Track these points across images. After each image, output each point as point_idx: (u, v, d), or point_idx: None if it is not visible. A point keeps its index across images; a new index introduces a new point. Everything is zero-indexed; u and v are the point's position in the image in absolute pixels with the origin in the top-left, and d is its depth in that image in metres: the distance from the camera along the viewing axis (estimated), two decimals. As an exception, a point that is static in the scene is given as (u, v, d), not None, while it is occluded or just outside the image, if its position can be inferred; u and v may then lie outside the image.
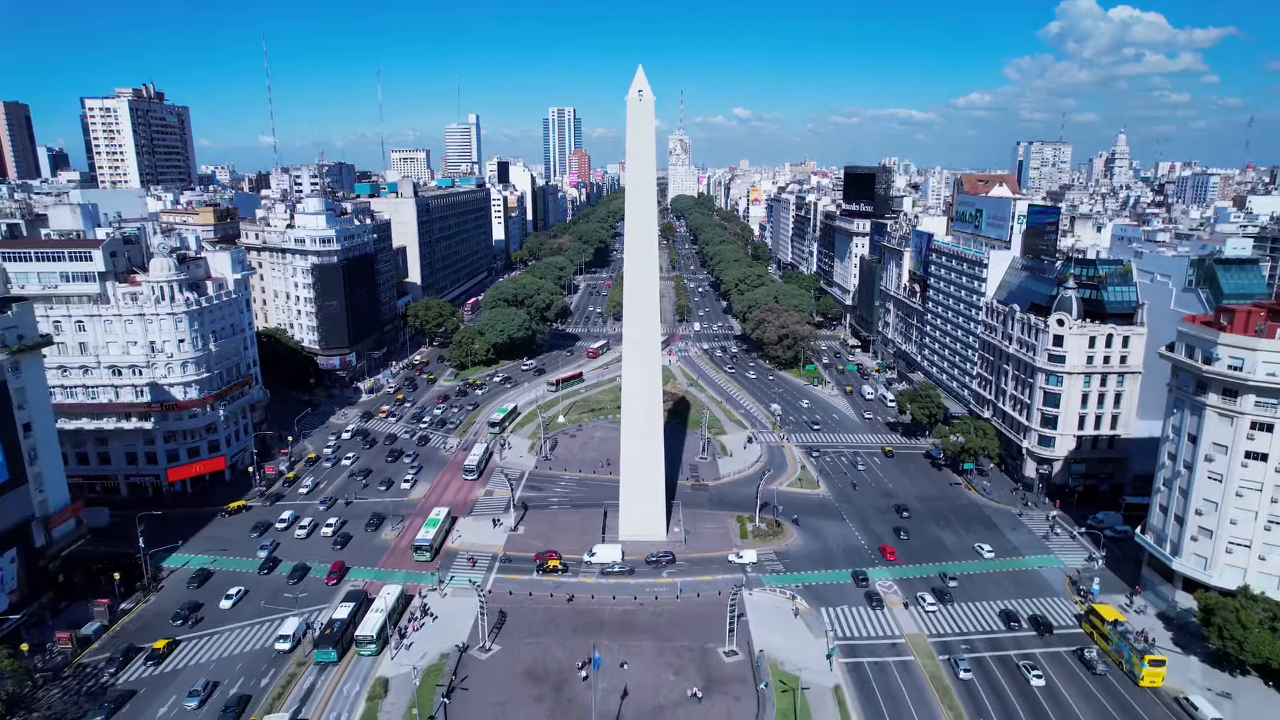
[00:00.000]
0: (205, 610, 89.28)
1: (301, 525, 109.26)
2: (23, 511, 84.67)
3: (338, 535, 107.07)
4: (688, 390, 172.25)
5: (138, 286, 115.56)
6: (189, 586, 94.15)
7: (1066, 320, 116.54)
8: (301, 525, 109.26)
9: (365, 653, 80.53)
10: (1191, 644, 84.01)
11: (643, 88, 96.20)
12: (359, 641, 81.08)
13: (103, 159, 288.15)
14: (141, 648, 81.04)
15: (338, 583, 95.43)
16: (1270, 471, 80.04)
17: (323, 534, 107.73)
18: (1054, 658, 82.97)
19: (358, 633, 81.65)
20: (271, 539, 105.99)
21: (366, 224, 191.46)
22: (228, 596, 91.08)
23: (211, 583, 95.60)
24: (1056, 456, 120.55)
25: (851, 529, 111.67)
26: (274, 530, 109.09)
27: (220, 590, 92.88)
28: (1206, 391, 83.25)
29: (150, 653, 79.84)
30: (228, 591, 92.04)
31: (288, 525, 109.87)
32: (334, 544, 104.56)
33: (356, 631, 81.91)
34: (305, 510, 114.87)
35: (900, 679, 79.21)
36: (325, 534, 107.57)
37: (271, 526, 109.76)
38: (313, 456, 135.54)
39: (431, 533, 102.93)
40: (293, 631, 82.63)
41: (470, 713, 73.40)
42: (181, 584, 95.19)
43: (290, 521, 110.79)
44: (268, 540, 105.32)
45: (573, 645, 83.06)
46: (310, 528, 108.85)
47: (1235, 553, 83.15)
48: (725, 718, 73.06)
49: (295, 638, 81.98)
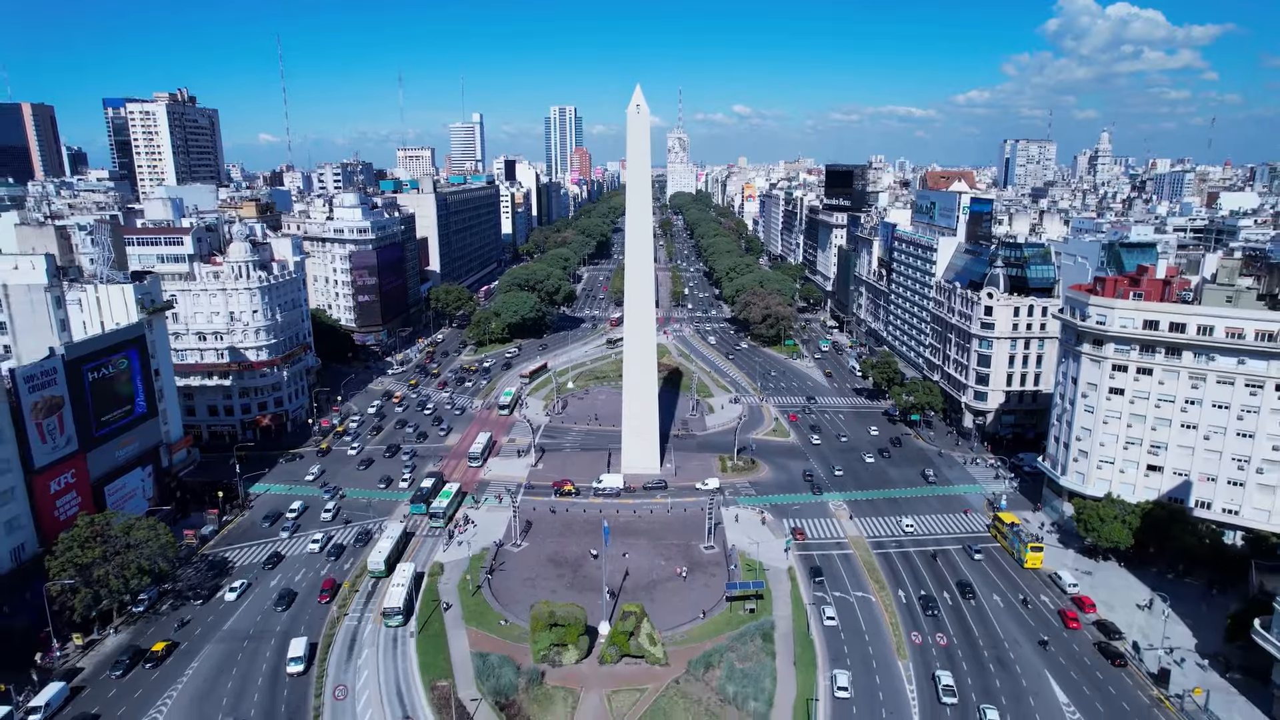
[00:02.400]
0: (289, 520, 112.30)
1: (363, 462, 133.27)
2: (154, 438, 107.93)
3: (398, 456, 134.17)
4: (680, 362, 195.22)
5: (219, 266, 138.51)
6: (265, 522, 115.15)
7: (995, 294, 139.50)
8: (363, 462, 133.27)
9: (436, 525, 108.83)
10: (1071, 541, 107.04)
11: (640, 103, 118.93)
12: (433, 515, 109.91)
13: (142, 158, 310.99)
14: (144, 650, 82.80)
15: None
16: (1126, 403, 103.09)
17: (382, 468, 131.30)
18: (961, 552, 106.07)
19: (432, 506, 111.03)
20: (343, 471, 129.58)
21: (395, 217, 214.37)
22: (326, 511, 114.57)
23: (288, 504, 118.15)
24: (989, 409, 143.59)
25: (814, 465, 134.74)
26: (344, 463, 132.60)
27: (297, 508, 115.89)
28: (1082, 342, 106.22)
29: (149, 654, 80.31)
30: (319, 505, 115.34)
31: (356, 462, 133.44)
32: (404, 467, 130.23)
33: (432, 504, 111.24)
34: (366, 451, 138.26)
35: (839, 563, 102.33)
36: (383, 468, 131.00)
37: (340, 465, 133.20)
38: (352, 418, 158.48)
39: (480, 447, 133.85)
40: (302, 653, 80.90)
41: (507, 584, 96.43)
42: (266, 505, 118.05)
43: (359, 454, 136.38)
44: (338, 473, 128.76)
45: (585, 543, 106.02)
46: (368, 464, 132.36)
47: (1103, 469, 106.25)
48: (704, 587, 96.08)
49: (304, 659, 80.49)
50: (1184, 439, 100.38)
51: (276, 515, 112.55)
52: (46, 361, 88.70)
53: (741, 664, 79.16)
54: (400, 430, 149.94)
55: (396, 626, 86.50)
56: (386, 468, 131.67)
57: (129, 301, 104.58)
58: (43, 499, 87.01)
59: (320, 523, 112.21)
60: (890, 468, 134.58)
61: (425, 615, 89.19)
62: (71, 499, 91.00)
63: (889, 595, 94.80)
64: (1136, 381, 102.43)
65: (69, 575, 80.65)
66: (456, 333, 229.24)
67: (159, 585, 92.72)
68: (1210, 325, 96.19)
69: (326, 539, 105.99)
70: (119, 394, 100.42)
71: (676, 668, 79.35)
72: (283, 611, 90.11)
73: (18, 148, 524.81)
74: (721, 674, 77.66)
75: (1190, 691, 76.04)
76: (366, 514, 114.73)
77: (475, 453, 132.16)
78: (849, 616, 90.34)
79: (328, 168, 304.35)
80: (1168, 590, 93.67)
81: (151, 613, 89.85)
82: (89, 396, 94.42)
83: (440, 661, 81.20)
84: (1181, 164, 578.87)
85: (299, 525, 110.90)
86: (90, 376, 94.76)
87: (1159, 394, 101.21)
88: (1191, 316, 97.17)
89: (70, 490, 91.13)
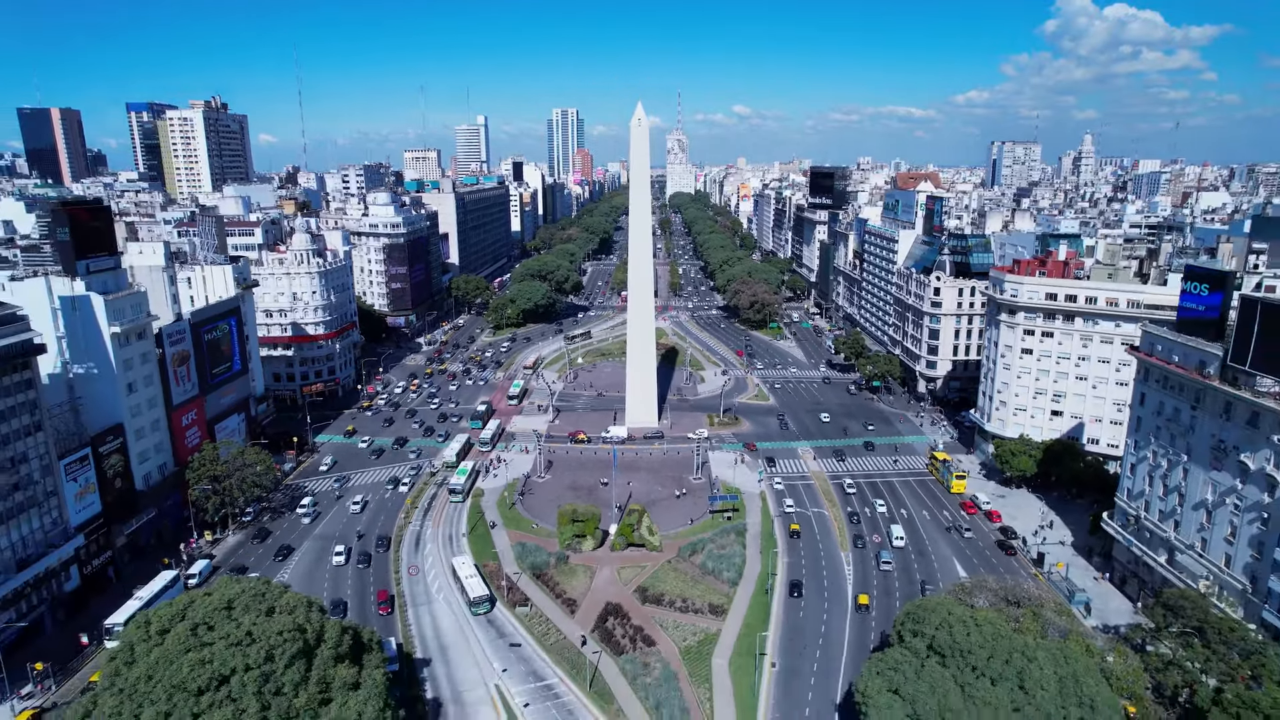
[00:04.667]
0: (350, 461, 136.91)
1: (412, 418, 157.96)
2: (246, 391, 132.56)
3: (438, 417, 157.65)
4: (676, 342, 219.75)
5: (283, 254, 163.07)
6: (329, 470, 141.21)
7: (943, 277, 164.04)
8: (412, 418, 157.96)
9: (482, 447, 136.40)
10: (993, 475, 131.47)
11: (641, 117, 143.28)
12: (482, 441, 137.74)
13: (180, 161, 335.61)
14: None
15: None
16: (1034, 361, 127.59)
17: (417, 421, 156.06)
18: (904, 483, 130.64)
19: (481, 436, 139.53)
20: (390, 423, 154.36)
21: (421, 213, 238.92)
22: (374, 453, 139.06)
23: (347, 450, 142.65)
24: (939, 376, 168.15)
25: (788, 421, 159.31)
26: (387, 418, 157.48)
27: (355, 455, 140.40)
28: (1000, 312, 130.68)
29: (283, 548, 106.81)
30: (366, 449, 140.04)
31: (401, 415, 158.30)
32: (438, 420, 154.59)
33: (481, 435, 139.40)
34: (406, 410, 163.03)
35: (802, 490, 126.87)
36: (420, 422, 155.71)
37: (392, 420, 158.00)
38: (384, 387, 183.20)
39: (518, 390, 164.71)
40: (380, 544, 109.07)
41: (536, 503, 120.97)
42: (330, 450, 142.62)
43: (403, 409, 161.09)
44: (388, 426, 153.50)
45: (597, 475, 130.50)
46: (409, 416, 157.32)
47: (1018, 415, 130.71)
48: (692, 504, 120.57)
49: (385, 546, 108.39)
50: (1077, 389, 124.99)
51: (344, 454, 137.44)
52: (179, 323, 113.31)
53: (719, 550, 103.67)
54: (442, 392, 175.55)
55: (458, 503, 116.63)
56: (429, 422, 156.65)
57: (228, 279, 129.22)
58: (177, 430, 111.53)
59: (378, 462, 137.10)
60: (851, 423, 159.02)
61: (472, 522, 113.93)
62: (195, 432, 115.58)
63: (839, 510, 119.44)
64: (1041, 343, 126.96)
65: (205, 483, 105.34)
66: (474, 318, 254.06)
67: (259, 503, 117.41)
68: (1094, 296, 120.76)
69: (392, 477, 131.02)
70: (222, 353, 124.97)
71: (669, 553, 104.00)
72: (360, 513, 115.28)
73: (47, 150, 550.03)
74: (703, 557, 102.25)
75: (1055, 566, 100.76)
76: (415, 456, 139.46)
77: (512, 393, 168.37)
78: (806, 523, 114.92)
79: (351, 169, 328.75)
80: (1060, 508, 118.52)
81: (255, 522, 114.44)
82: (205, 352, 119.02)
83: (488, 550, 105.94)
84: (1175, 164, 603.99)
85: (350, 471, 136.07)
86: (205, 337, 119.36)
87: (1059, 353, 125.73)
88: (1080, 289, 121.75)
89: (194, 425, 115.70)
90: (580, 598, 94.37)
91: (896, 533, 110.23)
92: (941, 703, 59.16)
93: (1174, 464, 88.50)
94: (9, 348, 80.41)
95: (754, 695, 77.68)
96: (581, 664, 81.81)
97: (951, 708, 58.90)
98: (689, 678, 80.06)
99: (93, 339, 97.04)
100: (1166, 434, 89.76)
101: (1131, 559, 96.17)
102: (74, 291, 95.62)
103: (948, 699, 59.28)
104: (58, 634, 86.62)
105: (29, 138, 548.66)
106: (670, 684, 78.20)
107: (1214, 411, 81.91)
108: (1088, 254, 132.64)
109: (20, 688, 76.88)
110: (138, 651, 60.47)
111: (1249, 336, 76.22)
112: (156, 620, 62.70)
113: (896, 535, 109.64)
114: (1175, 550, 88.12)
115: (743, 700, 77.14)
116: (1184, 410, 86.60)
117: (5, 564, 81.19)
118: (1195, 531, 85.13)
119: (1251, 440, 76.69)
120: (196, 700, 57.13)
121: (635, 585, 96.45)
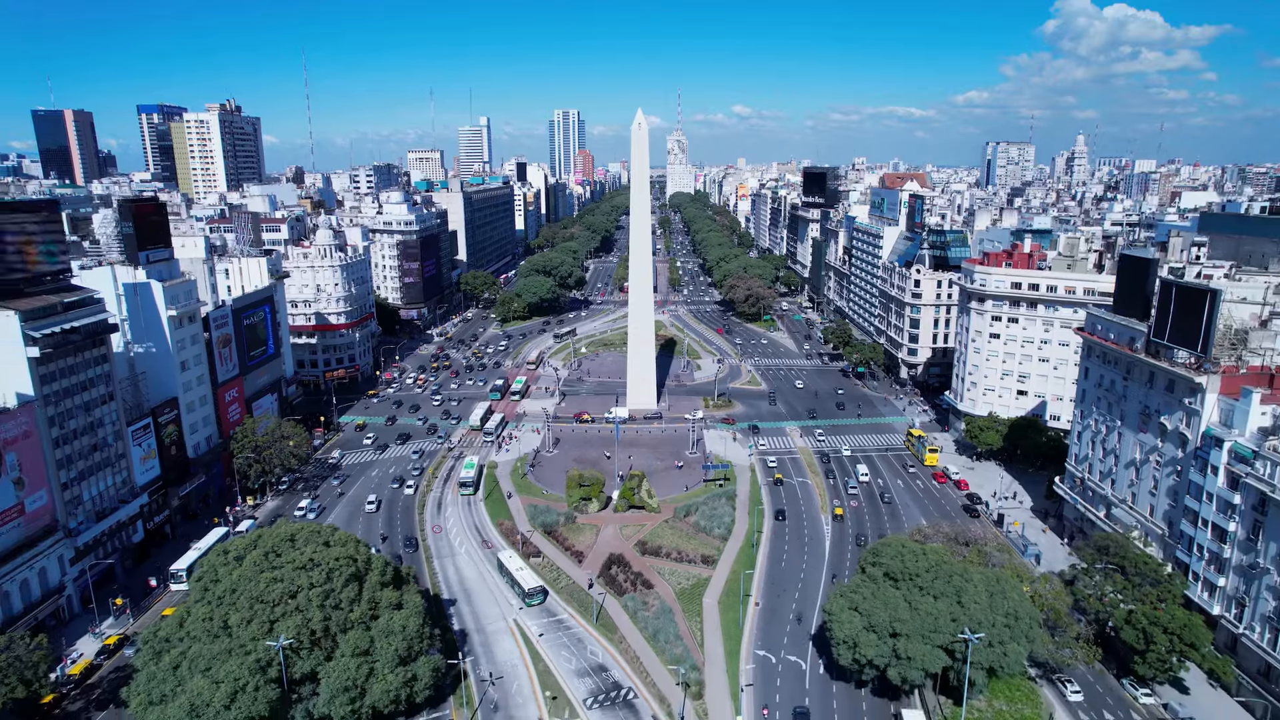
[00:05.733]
0: (374, 437, 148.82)
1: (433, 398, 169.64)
2: (278, 373, 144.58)
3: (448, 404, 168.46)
4: (674, 334, 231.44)
5: (308, 248, 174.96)
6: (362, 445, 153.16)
7: (922, 270, 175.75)
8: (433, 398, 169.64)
9: (489, 430, 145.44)
10: (965, 450, 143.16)
11: (641, 123, 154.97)
12: (482, 429, 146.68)
13: (196, 162, 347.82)
14: None
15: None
16: (1001, 345, 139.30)
17: (435, 403, 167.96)
18: (882, 457, 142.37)
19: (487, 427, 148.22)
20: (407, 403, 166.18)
21: (432, 211, 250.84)
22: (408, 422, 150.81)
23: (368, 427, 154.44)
24: (919, 362, 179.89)
25: (778, 405, 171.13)
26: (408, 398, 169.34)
27: (376, 430, 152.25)
28: (971, 300, 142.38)
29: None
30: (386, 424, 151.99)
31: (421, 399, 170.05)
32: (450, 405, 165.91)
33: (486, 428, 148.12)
34: (422, 397, 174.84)
35: (789, 463, 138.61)
36: (438, 404, 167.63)
37: (401, 403, 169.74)
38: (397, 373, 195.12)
39: (522, 386, 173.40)
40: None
41: (545, 473, 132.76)
42: (351, 428, 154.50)
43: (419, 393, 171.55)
44: (404, 407, 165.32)
45: (601, 450, 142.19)
46: (425, 403, 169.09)
47: (987, 395, 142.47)
48: (688, 474, 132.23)
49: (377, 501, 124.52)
50: (1040, 370, 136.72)
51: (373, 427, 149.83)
52: (222, 309, 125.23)
53: (711, 511, 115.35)
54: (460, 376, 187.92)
55: (469, 495, 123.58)
56: (446, 405, 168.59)
57: (262, 270, 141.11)
58: (221, 405, 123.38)
59: (401, 437, 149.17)
60: (836, 406, 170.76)
61: (488, 489, 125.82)
62: (236, 408, 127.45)
63: (821, 480, 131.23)
64: (1008, 328, 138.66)
65: (249, 453, 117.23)
66: (481, 312, 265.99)
67: (293, 473, 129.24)
68: (1054, 284, 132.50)
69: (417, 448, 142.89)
70: (258, 337, 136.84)
71: (666, 514, 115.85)
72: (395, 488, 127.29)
73: (58, 150, 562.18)
74: (696, 516, 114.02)
75: (1012, 525, 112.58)
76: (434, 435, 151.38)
77: (531, 359, 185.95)
78: (790, 491, 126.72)
79: (361, 170, 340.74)
80: (1023, 478, 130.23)
81: (289, 491, 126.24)
82: (244, 336, 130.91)
83: (502, 511, 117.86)
84: (1171, 164, 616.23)
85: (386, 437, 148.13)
86: (244, 322, 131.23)
87: (1024, 337, 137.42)
88: (1041, 278, 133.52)
89: (235, 402, 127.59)
90: (586, 550, 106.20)
91: (861, 470, 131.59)
92: (891, 615, 70.96)
93: (1110, 429, 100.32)
94: (89, 326, 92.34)
95: (739, 626, 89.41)
96: (588, 603, 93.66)
97: (900, 618, 70.68)
98: (682, 613, 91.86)
99: (152, 321, 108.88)
100: (1105, 403, 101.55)
101: (1078, 516, 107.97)
102: (136, 279, 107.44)
103: (897, 611, 71.08)
104: (127, 579, 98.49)
105: (42, 139, 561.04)
106: (666, 618, 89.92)
107: (1141, 381, 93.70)
108: (1053, 247, 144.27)
109: (103, 620, 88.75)
110: (220, 572, 72.50)
111: (1166, 314, 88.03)
112: (233, 549, 74.79)
113: (861, 473, 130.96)
114: (1112, 505, 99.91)
115: (729, 630, 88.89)
116: (1118, 381, 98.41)
117: (88, 514, 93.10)
118: (1127, 487, 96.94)
119: (1169, 404, 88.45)
120: (272, 609, 69.13)
121: (635, 540, 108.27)
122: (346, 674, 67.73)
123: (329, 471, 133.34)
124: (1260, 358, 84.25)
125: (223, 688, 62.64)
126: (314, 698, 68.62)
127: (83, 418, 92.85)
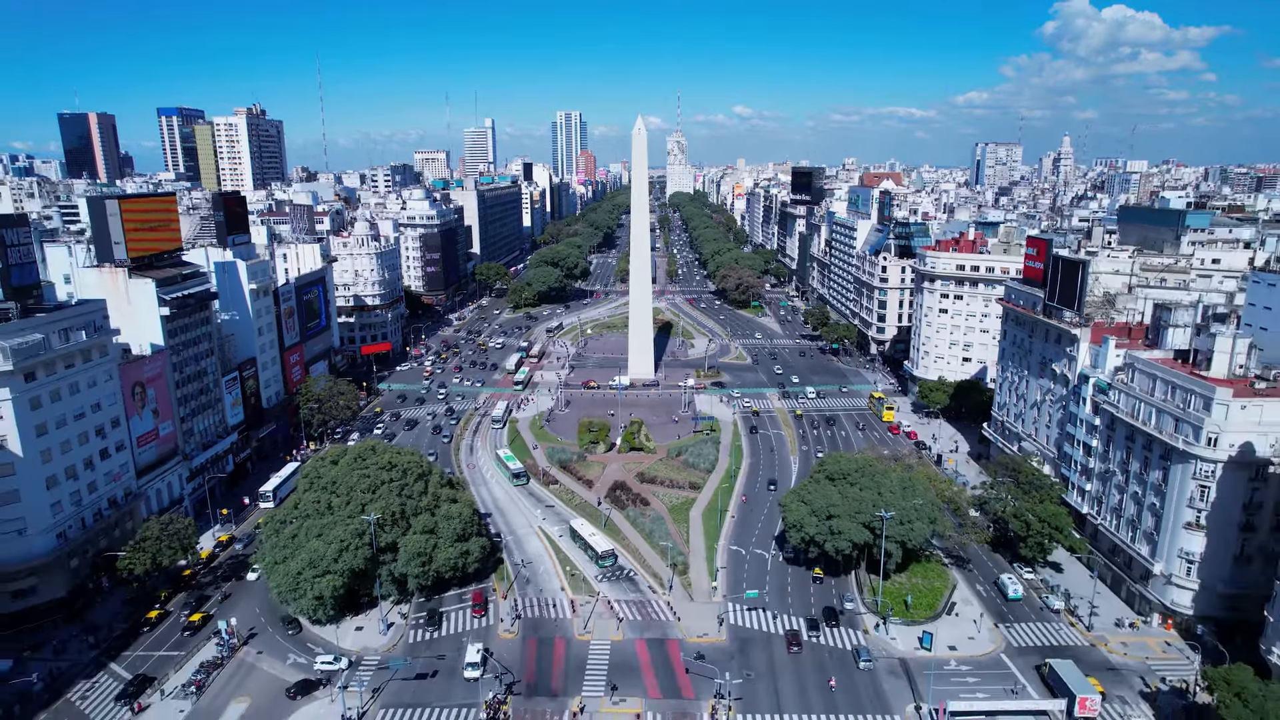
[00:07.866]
0: (407, 402, 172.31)
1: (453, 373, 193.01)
2: (328, 344, 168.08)
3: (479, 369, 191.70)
4: (671, 318, 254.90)
5: (347, 238, 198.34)
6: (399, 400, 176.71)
7: (889, 258, 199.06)
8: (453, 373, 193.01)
9: (519, 377, 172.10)
10: (919, 409, 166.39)
11: (640, 128, 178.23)
12: (514, 375, 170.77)
13: (225, 162, 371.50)
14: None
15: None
16: (949, 319, 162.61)
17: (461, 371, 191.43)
18: (848, 415, 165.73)
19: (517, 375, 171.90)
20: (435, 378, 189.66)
21: (450, 208, 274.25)
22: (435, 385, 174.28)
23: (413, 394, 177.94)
24: (886, 339, 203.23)
25: (760, 375, 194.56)
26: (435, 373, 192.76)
27: (409, 397, 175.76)
28: (924, 280, 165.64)
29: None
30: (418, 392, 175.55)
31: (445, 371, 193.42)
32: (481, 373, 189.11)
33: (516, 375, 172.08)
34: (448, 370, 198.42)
35: (766, 419, 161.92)
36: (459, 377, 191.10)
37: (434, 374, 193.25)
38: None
39: (523, 373, 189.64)
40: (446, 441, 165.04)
41: (559, 425, 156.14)
42: (389, 394, 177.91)
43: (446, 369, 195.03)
44: (432, 379, 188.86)
45: (606, 409, 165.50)
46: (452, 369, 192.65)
47: (937, 362, 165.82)
48: (681, 427, 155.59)
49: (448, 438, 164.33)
50: (981, 340, 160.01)
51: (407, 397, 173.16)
52: (287, 285, 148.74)
53: (698, 451, 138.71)
54: (470, 357, 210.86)
55: (499, 428, 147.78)
56: (472, 375, 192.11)
57: (315, 255, 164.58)
58: (286, 366, 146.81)
59: (436, 400, 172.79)
60: (813, 375, 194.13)
61: (511, 437, 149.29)
62: (298, 369, 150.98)
63: (793, 431, 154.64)
64: (954, 304, 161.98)
65: (312, 403, 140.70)
66: (495, 300, 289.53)
67: (345, 425, 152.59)
68: (992, 266, 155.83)
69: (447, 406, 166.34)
70: (314, 310, 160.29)
71: (661, 454, 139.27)
72: (434, 435, 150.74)
73: (80, 151, 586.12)
74: (686, 455, 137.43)
75: (948, 462, 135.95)
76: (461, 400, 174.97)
77: (518, 377, 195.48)
78: (766, 439, 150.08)
79: (379, 169, 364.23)
80: (965, 431, 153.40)
81: (343, 440, 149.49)
82: (303, 309, 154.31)
83: (524, 452, 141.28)
84: (1166, 164, 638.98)
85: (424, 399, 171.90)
86: (304, 297, 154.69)
87: (967, 312, 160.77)
88: (979, 260, 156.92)
89: (297, 365, 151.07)
90: (595, 480, 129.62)
91: (827, 424, 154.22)
92: (826, 500, 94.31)
93: (1021, 378, 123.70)
94: (201, 294, 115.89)
95: (718, 530, 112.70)
96: (597, 515, 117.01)
97: (833, 503, 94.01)
98: (673, 521, 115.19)
99: (236, 293, 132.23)
100: (1018, 357, 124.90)
101: (999, 453, 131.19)
102: (225, 258, 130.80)
103: (830, 498, 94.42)
104: (223, 499, 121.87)
105: (67, 140, 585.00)
106: (660, 524, 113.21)
107: (1041, 337, 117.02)
108: (995, 236, 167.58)
109: (214, 525, 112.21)
110: (321, 471, 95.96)
111: (1055, 283, 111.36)
112: (329, 455, 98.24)
113: (827, 425, 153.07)
114: (1021, 440, 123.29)
115: (710, 533, 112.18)
116: (1025, 338, 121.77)
117: (196, 444, 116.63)
118: (1031, 424, 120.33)
119: (1058, 354, 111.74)
120: (362, 495, 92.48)
121: (636, 472, 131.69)
122: (418, 545, 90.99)
123: (374, 423, 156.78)
124: (1124, 316, 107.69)
125: (332, 546, 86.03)
126: (394, 562, 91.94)
127: (193, 366, 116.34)
